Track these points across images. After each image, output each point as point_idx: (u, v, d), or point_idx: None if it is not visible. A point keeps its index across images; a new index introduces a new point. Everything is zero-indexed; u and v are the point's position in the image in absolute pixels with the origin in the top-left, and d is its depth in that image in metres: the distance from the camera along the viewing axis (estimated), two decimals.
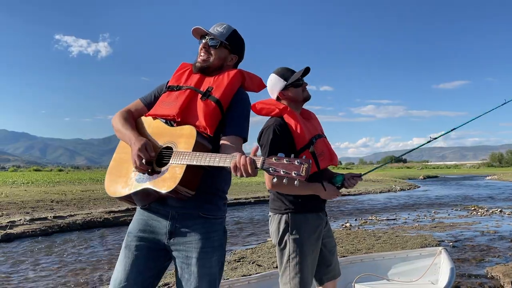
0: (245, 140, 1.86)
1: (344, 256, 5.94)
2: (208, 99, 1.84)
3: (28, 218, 9.47)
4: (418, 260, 3.76)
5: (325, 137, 2.61)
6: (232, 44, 1.98)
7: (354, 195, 19.65)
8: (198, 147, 1.71)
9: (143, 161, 1.73)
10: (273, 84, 2.52)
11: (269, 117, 2.49)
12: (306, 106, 2.64)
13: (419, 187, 27.03)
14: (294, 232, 2.36)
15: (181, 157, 1.68)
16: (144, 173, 1.77)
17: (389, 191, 22.36)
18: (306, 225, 2.39)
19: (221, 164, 1.60)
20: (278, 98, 2.53)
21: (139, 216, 1.92)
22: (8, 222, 8.84)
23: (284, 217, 2.39)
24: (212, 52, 1.94)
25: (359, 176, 2.55)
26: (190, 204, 1.81)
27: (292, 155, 1.50)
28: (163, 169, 1.74)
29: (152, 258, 1.84)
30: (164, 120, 1.91)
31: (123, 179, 1.85)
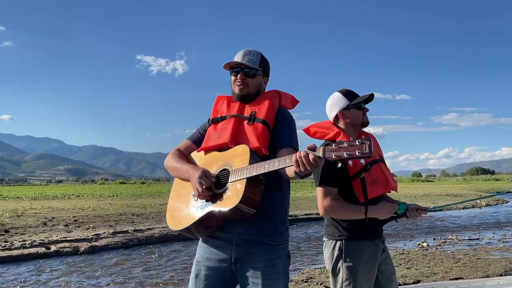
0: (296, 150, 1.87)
1: (418, 281, 5.68)
2: (255, 122, 1.93)
3: (111, 231, 10.17)
4: None
5: (384, 162, 2.53)
6: (264, 68, 2.07)
7: (434, 211, 18.59)
8: (253, 161, 1.78)
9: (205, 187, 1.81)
10: (335, 102, 2.48)
11: (323, 141, 2.47)
12: (381, 124, 2.58)
13: (508, 202, 24.87)
14: (348, 260, 2.31)
15: (239, 173, 1.76)
16: (207, 200, 1.84)
17: (473, 206, 20.80)
18: (361, 253, 2.33)
19: (281, 166, 1.64)
20: (336, 118, 2.49)
21: (205, 244, 1.99)
22: (93, 235, 9.56)
23: (338, 243, 2.35)
24: (249, 81, 2.02)
25: (424, 210, 2.44)
26: (253, 231, 1.86)
27: (351, 138, 1.51)
28: (223, 189, 1.81)
29: (221, 286, 1.93)
30: (216, 150, 1.99)
31: (185, 211, 1.94)
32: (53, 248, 8.40)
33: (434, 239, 10.34)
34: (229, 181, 1.79)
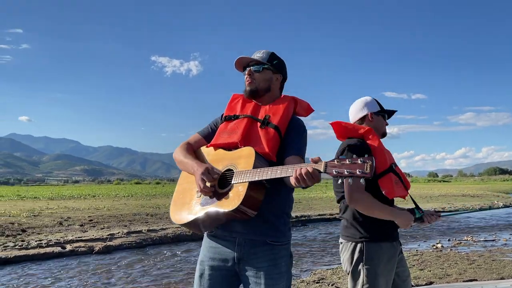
0: (303, 160, 1.92)
1: (431, 282, 5.64)
2: (268, 126, 1.94)
3: (125, 231, 10.29)
4: None
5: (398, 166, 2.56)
6: (273, 64, 2.07)
7: (449, 211, 18.33)
8: (258, 165, 1.79)
9: (207, 184, 1.83)
10: (369, 104, 2.54)
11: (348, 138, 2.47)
12: (396, 123, 2.59)
13: None
14: (368, 262, 2.31)
15: (242, 175, 1.77)
16: (209, 196, 1.85)
17: (490, 207, 20.47)
18: (381, 255, 2.34)
19: (283, 175, 1.66)
20: (361, 120, 2.54)
21: (208, 244, 2.01)
22: (108, 235, 9.69)
23: (358, 245, 2.35)
24: (256, 76, 2.04)
25: (439, 216, 2.49)
26: (256, 231, 1.88)
27: (354, 155, 1.52)
28: (226, 190, 1.82)
29: (226, 285, 1.95)
30: (224, 148, 2.00)
31: (188, 206, 1.96)
32: (68, 247, 8.54)
33: (448, 240, 10.23)
34: (232, 182, 1.81)
